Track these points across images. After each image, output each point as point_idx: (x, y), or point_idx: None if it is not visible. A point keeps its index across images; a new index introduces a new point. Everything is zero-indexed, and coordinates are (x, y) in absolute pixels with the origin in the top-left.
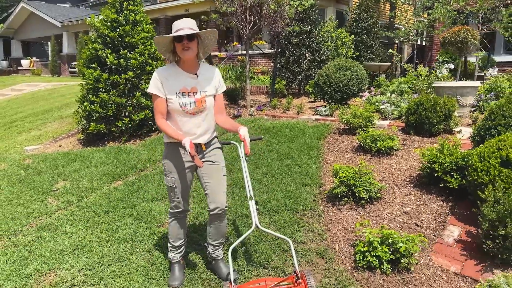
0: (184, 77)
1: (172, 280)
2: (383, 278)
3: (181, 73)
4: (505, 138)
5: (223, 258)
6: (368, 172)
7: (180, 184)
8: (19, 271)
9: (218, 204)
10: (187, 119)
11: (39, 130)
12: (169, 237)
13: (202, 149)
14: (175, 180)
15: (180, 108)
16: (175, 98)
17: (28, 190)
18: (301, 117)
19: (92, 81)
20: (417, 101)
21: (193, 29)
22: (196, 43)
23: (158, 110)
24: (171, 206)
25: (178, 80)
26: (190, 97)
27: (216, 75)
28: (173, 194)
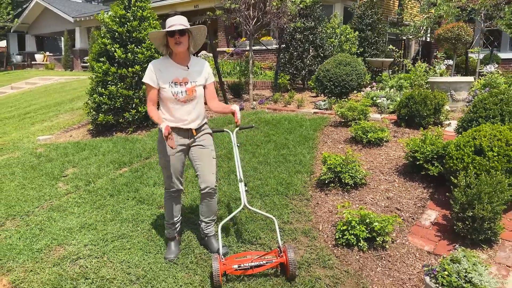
0: (176, 68)
1: (168, 254)
2: (360, 254)
3: (173, 65)
4: (480, 128)
5: (214, 235)
6: (354, 160)
7: (173, 165)
8: (31, 246)
9: (208, 183)
10: (179, 106)
11: (51, 121)
12: (165, 215)
13: (193, 134)
14: (168, 162)
15: (172, 96)
16: (168, 88)
17: (40, 175)
18: (301, 111)
19: (101, 74)
20: (408, 95)
21: (184, 25)
22: (187, 38)
23: (150, 98)
24: (166, 186)
25: (170, 71)
26: (182, 86)
27: (205, 67)
28: (167, 175)
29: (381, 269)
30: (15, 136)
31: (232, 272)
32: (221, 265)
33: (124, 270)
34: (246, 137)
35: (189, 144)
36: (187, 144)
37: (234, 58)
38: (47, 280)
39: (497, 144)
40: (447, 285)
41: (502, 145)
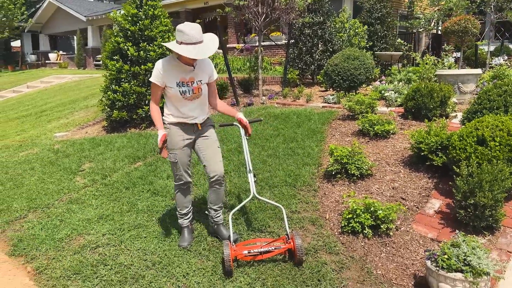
0: (183, 68)
1: (182, 241)
2: (365, 241)
3: (180, 65)
4: (483, 119)
5: (223, 223)
6: (360, 152)
7: (180, 159)
8: (53, 236)
9: (217, 171)
10: (186, 103)
11: (67, 119)
12: (177, 206)
13: (198, 128)
14: (177, 156)
15: (180, 95)
16: (175, 87)
17: (58, 170)
18: (310, 105)
19: (115, 72)
20: (415, 88)
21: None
22: None
23: (154, 97)
24: (175, 179)
25: (177, 71)
26: (189, 86)
27: (209, 65)
28: (175, 168)
29: (385, 255)
30: (33, 133)
31: (243, 257)
32: (232, 251)
33: (141, 257)
34: (255, 131)
35: (195, 138)
36: (193, 138)
37: (244, 54)
38: (68, 267)
39: (499, 134)
40: (447, 268)
41: (504, 135)
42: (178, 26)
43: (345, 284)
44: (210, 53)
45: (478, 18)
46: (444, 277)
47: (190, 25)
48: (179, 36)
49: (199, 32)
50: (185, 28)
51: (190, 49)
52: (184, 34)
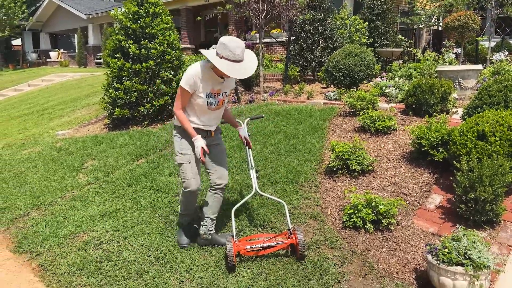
0: (215, 80)
1: (181, 241)
2: (366, 236)
3: (214, 76)
4: (483, 114)
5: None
6: (361, 148)
7: (195, 160)
8: (57, 232)
9: (224, 179)
10: (208, 113)
11: (68, 117)
12: (181, 208)
13: (211, 135)
14: (191, 156)
15: (206, 105)
16: (204, 98)
17: (61, 168)
18: (311, 102)
19: (116, 69)
20: (415, 84)
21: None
22: None
23: (182, 103)
24: (185, 186)
25: (210, 82)
26: (215, 97)
27: (233, 78)
28: (187, 171)
29: (386, 250)
30: (35, 132)
31: (245, 253)
32: (234, 246)
33: (144, 253)
34: (257, 128)
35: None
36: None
37: None
38: (73, 263)
39: (499, 129)
40: (447, 262)
41: (504, 130)
42: (223, 39)
43: (347, 279)
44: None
45: (479, 13)
46: (444, 270)
47: (236, 41)
48: (222, 49)
49: (243, 51)
50: (230, 44)
51: (236, 67)
52: (229, 50)
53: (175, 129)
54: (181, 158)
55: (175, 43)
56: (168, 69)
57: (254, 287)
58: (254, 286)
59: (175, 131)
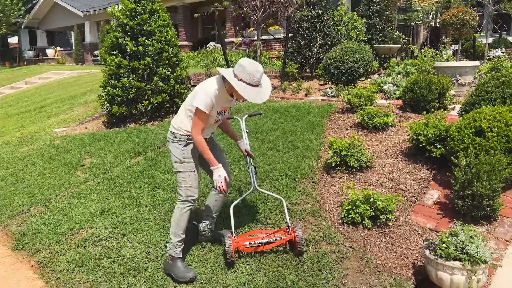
0: (227, 99)
1: (185, 273)
2: (364, 231)
3: (226, 95)
4: (480, 110)
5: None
6: (359, 144)
7: (197, 170)
8: (55, 230)
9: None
10: (212, 126)
11: (66, 114)
12: (177, 230)
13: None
14: (195, 165)
15: (214, 122)
16: (215, 116)
17: (59, 165)
18: (309, 98)
19: (114, 67)
20: (413, 80)
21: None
22: None
23: (201, 126)
24: (186, 197)
25: (223, 101)
26: (222, 114)
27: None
28: (190, 179)
29: (384, 245)
30: (33, 129)
31: (244, 249)
32: (233, 242)
33: (143, 250)
34: (255, 125)
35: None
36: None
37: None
38: (72, 260)
39: (497, 125)
40: (445, 257)
41: (502, 126)
42: (243, 62)
43: (345, 274)
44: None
45: (476, 10)
46: (442, 265)
47: (255, 65)
48: (240, 72)
49: (261, 76)
50: (250, 68)
51: (255, 91)
52: (248, 73)
53: (174, 137)
54: (184, 166)
55: (172, 40)
56: (165, 66)
57: (253, 283)
58: (253, 282)
59: (174, 138)
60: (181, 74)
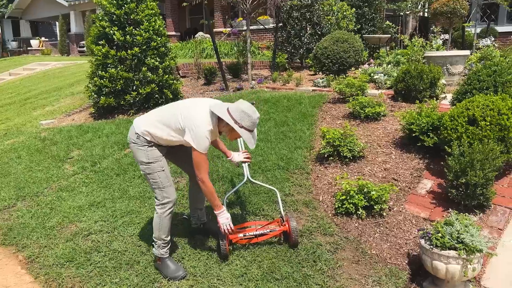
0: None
1: (175, 272)
2: (358, 222)
3: (216, 133)
4: (473, 99)
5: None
6: (352, 134)
7: (167, 168)
8: (43, 224)
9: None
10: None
11: (52, 106)
12: (160, 234)
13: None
14: (164, 163)
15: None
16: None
17: (46, 158)
18: (300, 89)
19: (101, 57)
20: (404, 69)
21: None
22: None
23: (207, 167)
24: (162, 199)
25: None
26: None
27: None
28: (162, 179)
29: (379, 235)
30: (18, 121)
31: (238, 241)
32: (227, 235)
33: (135, 243)
34: None
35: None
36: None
37: (231, 39)
38: (61, 254)
39: (490, 114)
40: (441, 246)
41: (495, 115)
42: (245, 109)
43: (340, 265)
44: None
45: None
46: (438, 255)
47: (254, 111)
48: (242, 119)
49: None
50: (253, 114)
51: (253, 136)
52: (251, 122)
53: (137, 138)
54: (152, 167)
55: (160, 29)
56: (154, 56)
57: (247, 275)
58: (248, 274)
59: (137, 140)
60: (170, 64)
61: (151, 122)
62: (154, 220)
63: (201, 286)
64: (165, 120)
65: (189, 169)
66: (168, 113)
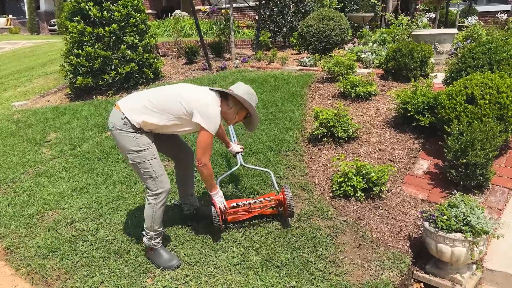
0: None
1: (169, 261)
2: (357, 204)
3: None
4: (471, 77)
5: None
6: (346, 114)
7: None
8: (22, 212)
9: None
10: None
11: (24, 87)
12: (153, 226)
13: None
14: (155, 151)
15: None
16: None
17: (21, 142)
18: (286, 68)
19: (77, 34)
20: (395, 47)
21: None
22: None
23: (211, 152)
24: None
25: None
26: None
27: None
28: (155, 167)
29: (378, 218)
30: None
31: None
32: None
33: (123, 231)
34: None
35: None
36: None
37: (210, 17)
38: (43, 244)
39: (489, 92)
40: (446, 229)
41: (494, 93)
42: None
43: (341, 249)
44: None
45: None
46: (443, 237)
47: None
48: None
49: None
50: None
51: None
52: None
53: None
54: (143, 155)
55: (139, 5)
56: (133, 33)
57: (246, 262)
58: (246, 261)
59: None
60: (150, 42)
61: (143, 111)
62: (146, 211)
63: (197, 275)
64: (161, 106)
65: (176, 154)
66: (163, 99)
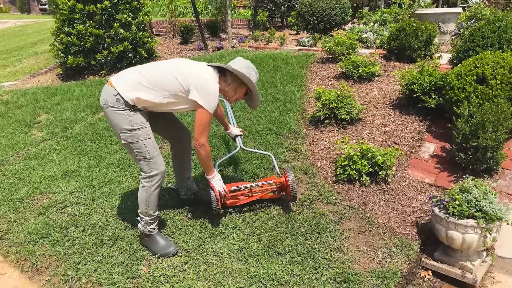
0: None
1: (166, 248)
2: (362, 189)
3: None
4: (482, 56)
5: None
6: (349, 95)
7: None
8: (11, 196)
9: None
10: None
11: (14, 67)
12: (148, 210)
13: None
14: (149, 130)
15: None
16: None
17: (10, 123)
18: (284, 48)
19: (67, 11)
20: (399, 26)
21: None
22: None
23: (209, 131)
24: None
25: None
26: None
27: None
28: (150, 148)
29: (384, 203)
30: None
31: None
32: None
33: (117, 216)
34: None
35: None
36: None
37: None
38: (33, 230)
39: (500, 72)
40: (458, 215)
41: (506, 73)
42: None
43: (346, 236)
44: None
45: None
46: (454, 224)
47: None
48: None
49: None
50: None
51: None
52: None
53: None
54: (136, 134)
55: None
56: (126, 11)
57: (246, 249)
58: (247, 248)
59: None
60: (144, 20)
61: (137, 87)
62: (140, 195)
63: (195, 263)
64: (156, 82)
65: (172, 134)
66: (158, 74)
